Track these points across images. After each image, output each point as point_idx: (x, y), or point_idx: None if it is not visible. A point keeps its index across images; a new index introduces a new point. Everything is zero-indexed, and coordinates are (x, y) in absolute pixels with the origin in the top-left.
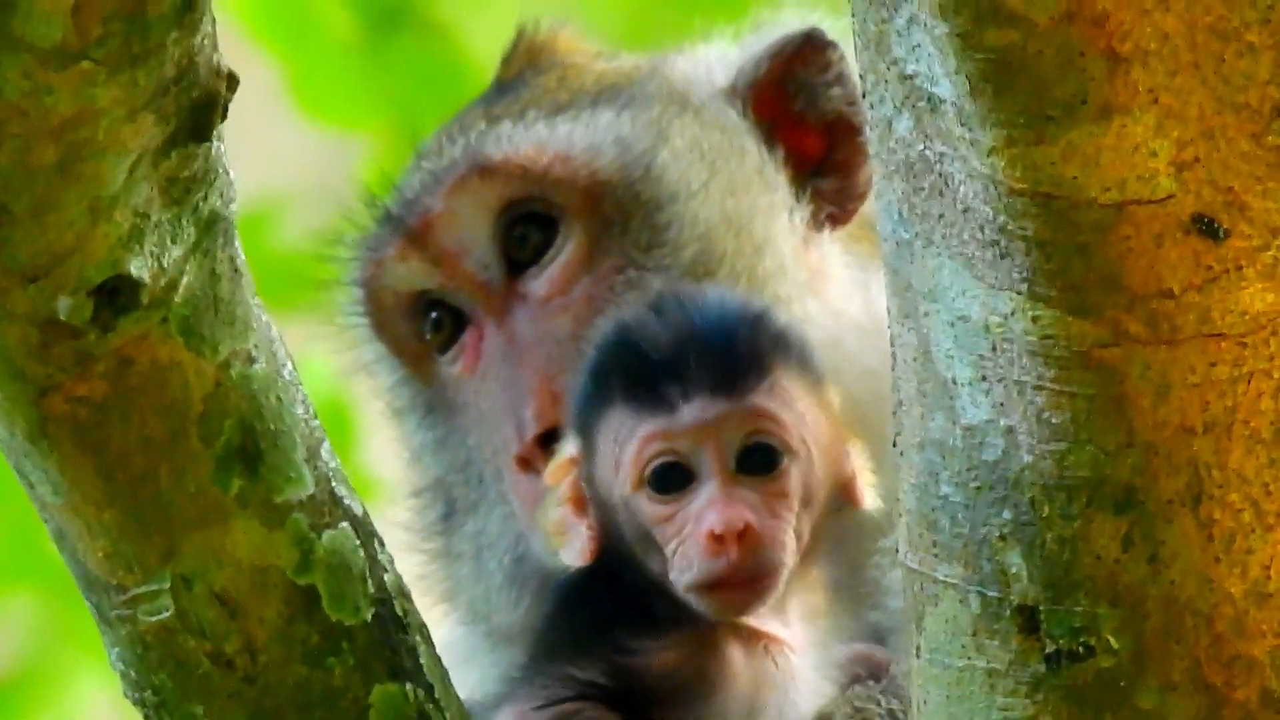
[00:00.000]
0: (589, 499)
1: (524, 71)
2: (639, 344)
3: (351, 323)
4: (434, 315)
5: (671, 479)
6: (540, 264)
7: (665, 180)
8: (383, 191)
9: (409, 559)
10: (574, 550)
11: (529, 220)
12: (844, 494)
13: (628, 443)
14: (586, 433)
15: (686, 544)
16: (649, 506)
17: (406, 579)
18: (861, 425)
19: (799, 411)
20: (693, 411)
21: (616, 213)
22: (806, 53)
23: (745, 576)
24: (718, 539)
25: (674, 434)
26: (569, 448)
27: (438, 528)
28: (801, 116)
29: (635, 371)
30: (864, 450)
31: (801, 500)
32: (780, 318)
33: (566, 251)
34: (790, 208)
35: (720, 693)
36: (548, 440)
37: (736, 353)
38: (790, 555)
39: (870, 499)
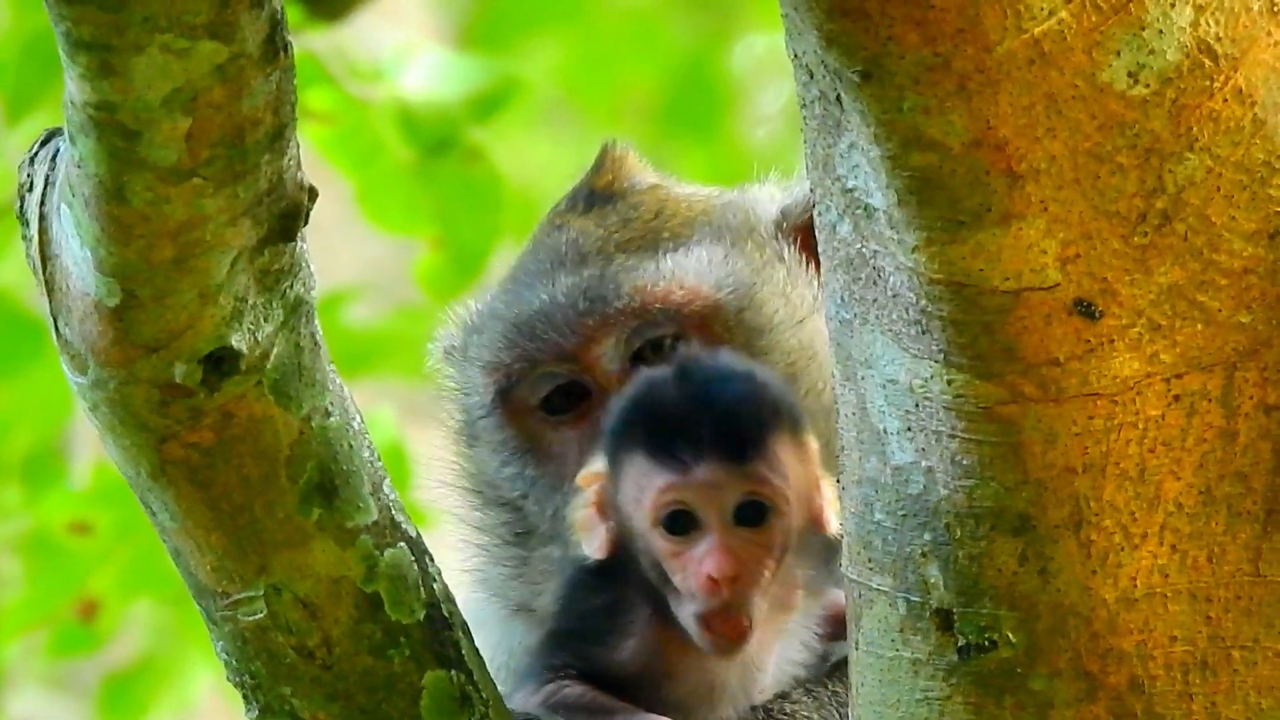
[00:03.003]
0: (611, 507)
1: (612, 184)
2: (663, 407)
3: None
4: (556, 387)
5: (680, 523)
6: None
7: (765, 311)
8: (518, 307)
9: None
10: (595, 544)
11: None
12: (814, 522)
13: (646, 489)
14: (615, 463)
15: (689, 580)
16: (661, 542)
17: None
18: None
19: (786, 474)
20: (702, 472)
21: (725, 333)
22: None
23: (731, 609)
24: (713, 580)
25: (685, 489)
26: (599, 464)
27: (513, 540)
28: None
29: (658, 430)
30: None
31: (780, 545)
32: (779, 388)
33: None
34: None
35: (683, 675)
36: None
37: (742, 426)
38: (764, 589)
39: (834, 525)
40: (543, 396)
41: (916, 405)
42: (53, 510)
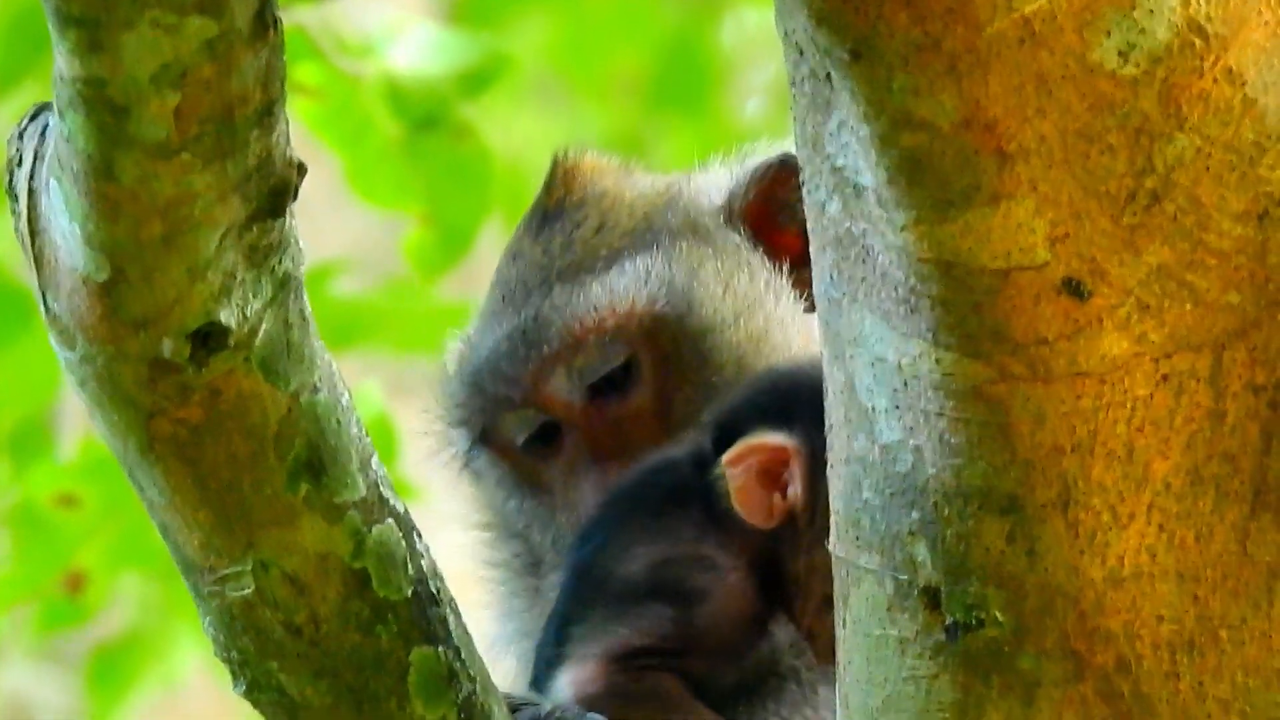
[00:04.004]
0: (801, 484)
1: (563, 200)
2: None
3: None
4: (530, 431)
5: None
6: (619, 392)
7: (704, 312)
8: (470, 356)
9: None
10: (760, 514)
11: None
12: None
13: None
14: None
15: None
16: None
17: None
18: None
19: None
20: None
21: (671, 344)
22: (782, 176)
23: None
24: None
25: None
26: (778, 437)
27: (526, 571)
28: (783, 225)
29: None
30: None
31: None
32: None
33: (637, 381)
34: (790, 310)
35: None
36: None
37: None
38: None
39: None
40: (521, 440)
41: (905, 384)
42: (40, 483)
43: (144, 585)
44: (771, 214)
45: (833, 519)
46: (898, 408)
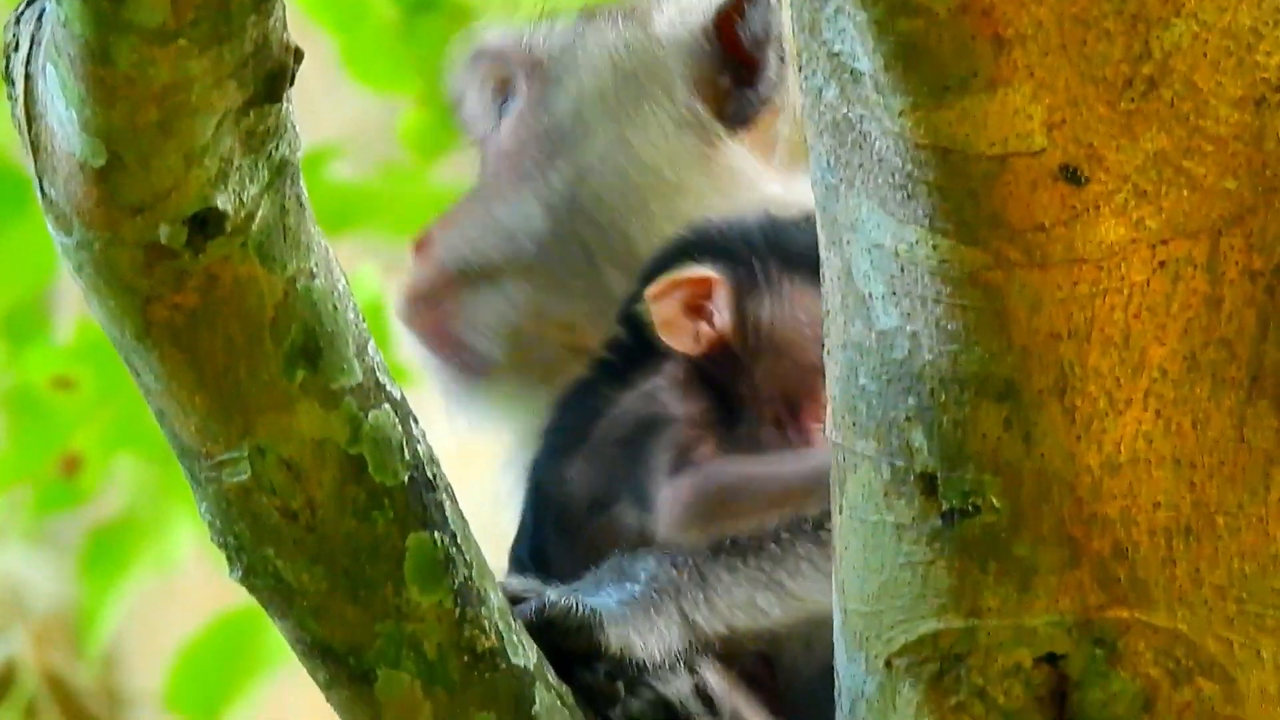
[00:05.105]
0: (730, 315)
1: None
2: None
3: None
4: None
5: None
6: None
7: (573, 65)
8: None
9: None
10: (687, 341)
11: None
12: None
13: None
14: (770, 280)
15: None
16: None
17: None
18: None
19: None
20: None
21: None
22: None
23: None
24: None
25: None
26: (704, 269)
27: None
28: (740, 42)
29: None
30: None
31: None
32: None
33: (512, 110)
34: (701, 121)
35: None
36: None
37: None
38: None
39: None
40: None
41: (902, 270)
42: (36, 366)
43: (140, 468)
44: (733, 25)
45: (829, 405)
46: (894, 294)
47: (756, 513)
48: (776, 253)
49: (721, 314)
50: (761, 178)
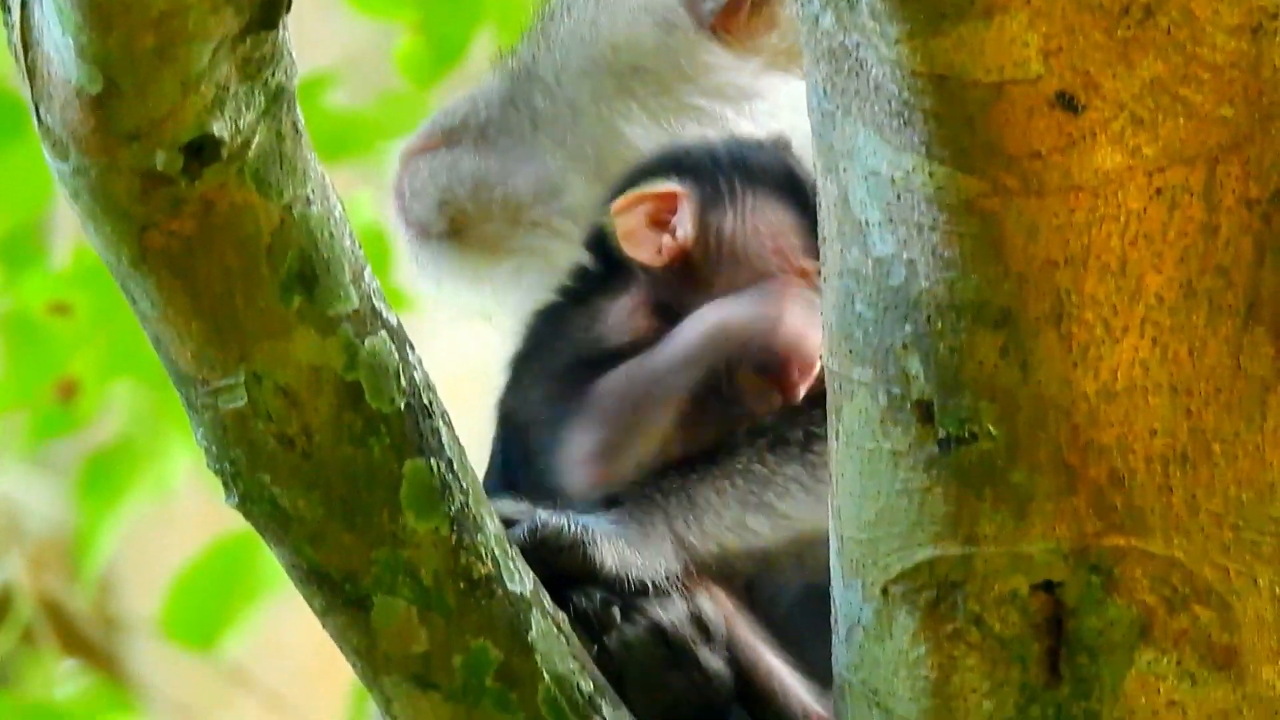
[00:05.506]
0: (696, 227)
1: None
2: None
3: None
4: None
5: None
6: None
7: None
8: None
9: None
10: (649, 252)
11: None
12: None
13: (790, 249)
14: (734, 195)
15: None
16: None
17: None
18: None
19: None
20: None
21: None
22: None
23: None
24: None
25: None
26: (671, 184)
27: None
28: None
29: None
30: None
31: None
32: None
33: None
34: (674, 13)
35: None
36: None
37: None
38: None
39: None
40: None
41: (898, 197)
42: (33, 291)
43: (137, 393)
44: None
45: (825, 332)
46: (891, 221)
47: (649, 420)
48: (739, 169)
49: (684, 226)
50: (730, 72)
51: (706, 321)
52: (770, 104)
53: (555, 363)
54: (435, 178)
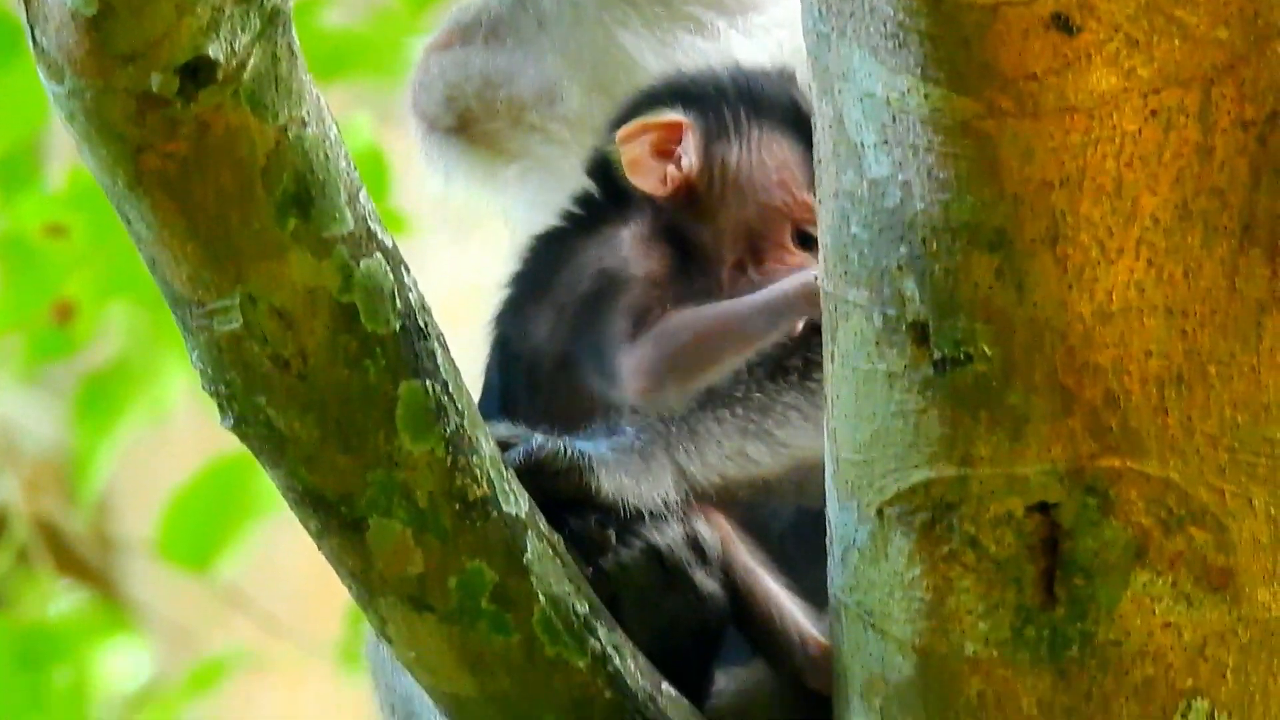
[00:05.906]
0: (703, 159)
1: None
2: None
3: None
4: None
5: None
6: None
7: None
8: None
9: None
10: (652, 181)
11: None
12: None
13: (793, 182)
14: (741, 130)
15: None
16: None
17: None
18: None
19: None
20: None
21: None
22: None
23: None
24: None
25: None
26: (675, 114)
27: None
28: None
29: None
30: None
31: None
32: None
33: None
34: None
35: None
36: None
37: None
38: None
39: None
40: None
41: (893, 119)
42: (28, 213)
43: (133, 315)
44: None
45: (820, 254)
46: (886, 142)
47: (720, 357)
48: (745, 100)
49: (689, 157)
50: None
51: (802, 279)
52: (766, 18)
53: (564, 294)
54: (445, 74)
